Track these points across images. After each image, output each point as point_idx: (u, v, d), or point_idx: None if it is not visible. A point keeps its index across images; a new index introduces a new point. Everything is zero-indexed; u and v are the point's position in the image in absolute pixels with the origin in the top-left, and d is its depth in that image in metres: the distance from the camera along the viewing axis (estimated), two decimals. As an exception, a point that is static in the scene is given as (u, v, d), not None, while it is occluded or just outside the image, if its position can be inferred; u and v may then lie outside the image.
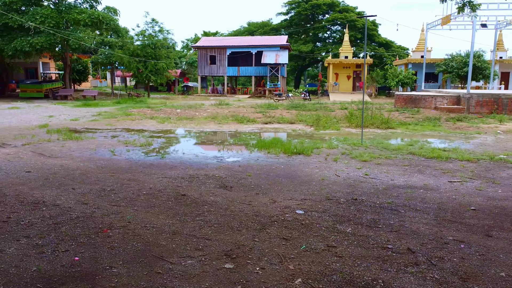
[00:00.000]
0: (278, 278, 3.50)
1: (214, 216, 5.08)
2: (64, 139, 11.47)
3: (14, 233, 4.49)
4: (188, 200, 5.74)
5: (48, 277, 3.51)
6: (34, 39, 26.49)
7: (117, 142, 11.13)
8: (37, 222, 4.84)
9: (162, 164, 8.28)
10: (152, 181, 6.87)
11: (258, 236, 4.44)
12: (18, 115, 18.33)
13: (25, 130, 13.41)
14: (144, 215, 5.10)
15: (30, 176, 7.12)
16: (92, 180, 6.92)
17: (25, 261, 3.80)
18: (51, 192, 6.11)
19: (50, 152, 9.57)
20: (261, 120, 16.66)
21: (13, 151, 9.61)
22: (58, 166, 7.99)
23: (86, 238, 4.37)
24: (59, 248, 4.09)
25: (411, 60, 37.37)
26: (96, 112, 20.25)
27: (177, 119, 17.29)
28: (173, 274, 3.56)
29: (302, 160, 8.75)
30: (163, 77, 34.34)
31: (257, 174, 7.37)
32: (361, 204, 5.61)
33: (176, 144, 11.55)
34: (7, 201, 5.66)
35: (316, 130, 13.96)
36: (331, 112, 20.05)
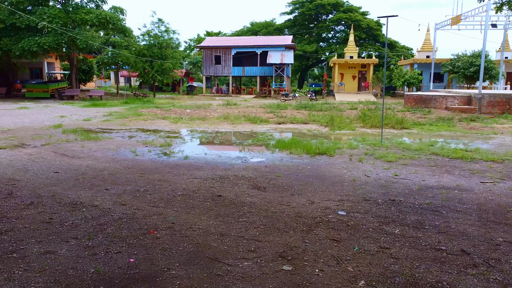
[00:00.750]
0: (340, 280, 3.48)
1: (256, 217, 5.05)
2: (82, 140, 11.44)
3: (61, 234, 4.46)
4: (225, 201, 5.71)
5: (108, 279, 3.49)
6: (41, 39, 26.45)
7: (136, 143, 11.10)
8: (80, 223, 4.82)
9: (187, 165, 8.25)
10: (183, 182, 6.84)
11: (307, 237, 4.41)
12: (29, 115, 18.30)
13: (40, 130, 13.38)
14: (186, 216, 5.07)
15: (59, 177, 7.09)
16: (122, 180, 6.89)
17: (81, 263, 3.78)
18: (85, 193, 6.08)
19: (72, 152, 9.54)
20: (274, 120, 16.64)
21: (35, 151, 9.58)
22: (84, 166, 7.97)
23: (135, 239, 4.34)
24: (111, 250, 4.06)
25: (417, 60, 37.34)
26: (106, 112, 20.22)
27: (189, 119, 17.26)
28: (233, 276, 3.54)
29: (326, 160, 8.73)
30: (169, 77, 34.32)
31: (286, 175, 7.34)
32: (400, 205, 5.58)
33: (195, 144, 11.51)
34: (44, 201, 5.63)
35: (332, 130, 13.94)
36: (341, 112, 20.01)
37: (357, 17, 46.93)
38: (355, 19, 46.51)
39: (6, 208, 5.33)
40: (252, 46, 40.88)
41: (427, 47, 39.14)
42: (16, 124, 15.18)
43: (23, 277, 3.51)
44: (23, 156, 8.93)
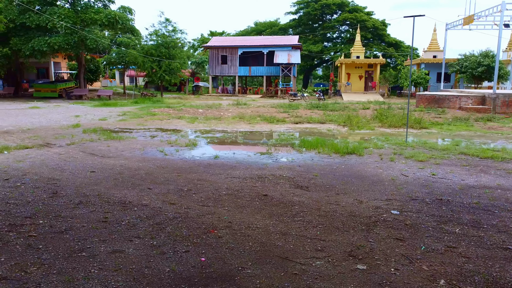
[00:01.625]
0: (420, 279, 3.47)
1: (311, 216, 5.05)
2: (105, 139, 11.43)
3: (122, 233, 4.45)
4: (273, 201, 5.71)
5: (186, 278, 3.48)
6: (52, 39, 26.46)
7: (160, 142, 11.09)
8: (137, 222, 4.81)
9: (220, 164, 8.24)
10: (223, 181, 6.83)
11: (369, 236, 4.41)
12: (43, 115, 18.28)
13: (60, 130, 13.37)
14: (240, 216, 5.07)
15: (97, 176, 7.08)
16: (161, 180, 6.88)
17: (153, 262, 3.77)
18: (129, 192, 6.07)
19: (100, 152, 9.53)
20: (290, 120, 16.63)
21: (63, 150, 9.57)
22: (118, 166, 7.96)
23: (198, 238, 4.34)
24: (179, 249, 4.06)
25: (424, 60, 37.35)
26: (119, 112, 20.21)
27: (205, 119, 17.25)
28: (311, 275, 3.53)
29: (357, 160, 8.72)
30: (176, 77, 34.30)
31: (323, 174, 7.34)
32: (450, 204, 5.58)
33: (220, 144, 11.50)
34: (93, 201, 5.62)
35: (352, 130, 13.93)
36: (354, 112, 19.99)
37: (362, 17, 46.95)
38: (361, 19, 46.53)
39: (57, 207, 5.33)
40: (259, 46, 40.87)
41: (433, 47, 39.16)
42: (33, 123, 15.17)
43: (101, 276, 3.50)
44: (53, 156, 8.92)
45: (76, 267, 3.66)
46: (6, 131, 13.11)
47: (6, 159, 8.42)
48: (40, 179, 6.80)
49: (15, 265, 3.69)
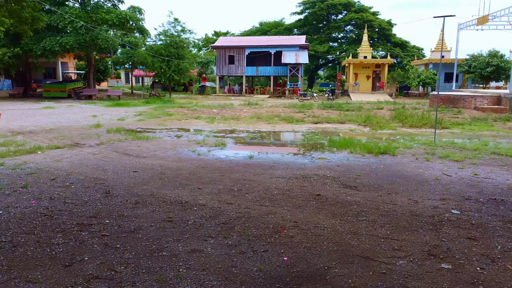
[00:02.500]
0: (509, 278, 3.49)
1: (374, 216, 5.07)
2: (132, 139, 11.43)
3: (193, 233, 4.47)
4: (328, 200, 5.73)
5: (277, 277, 3.50)
6: (63, 38, 26.46)
7: (188, 142, 11.11)
8: (203, 222, 4.83)
9: (258, 164, 8.26)
10: (269, 181, 6.85)
11: (441, 236, 4.43)
12: (61, 115, 18.28)
13: (83, 130, 13.37)
14: (302, 215, 5.08)
15: (141, 176, 7.10)
16: (207, 180, 6.89)
17: (237, 261, 3.79)
18: (181, 192, 6.09)
19: (132, 151, 9.54)
20: (308, 120, 16.65)
21: (96, 150, 9.58)
22: (158, 166, 7.97)
23: (271, 238, 4.35)
24: (256, 249, 4.07)
25: (432, 60, 37.37)
26: (135, 112, 20.22)
27: (223, 119, 17.26)
28: (400, 274, 3.55)
29: (393, 160, 8.74)
30: (185, 77, 34.29)
31: (366, 174, 7.36)
32: (506, 204, 5.60)
33: (248, 144, 11.50)
34: (149, 201, 5.64)
35: (374, 130, 13.95)
36: (369, 112, 19.99)
37: (368, 17, 46.96)
38: (367, 19, 46.54)
39: (117, 207, 5.34)
40: (266, 46, 40.86)
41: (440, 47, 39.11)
42: (54, 123, 15.17)
43: (191, 275, 3.52)
44: (88, 156, 8.93)
45: (163, 266, 3.68)
46: (30, 131, 13.12)
47: (44, 159, 8.44)
48: (87, 179, 6.81)
49: (101, 264, 3.71)
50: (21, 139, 11.25)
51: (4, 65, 27.23)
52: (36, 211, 5.14)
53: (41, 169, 7.51)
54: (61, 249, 4.01)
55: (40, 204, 5.42)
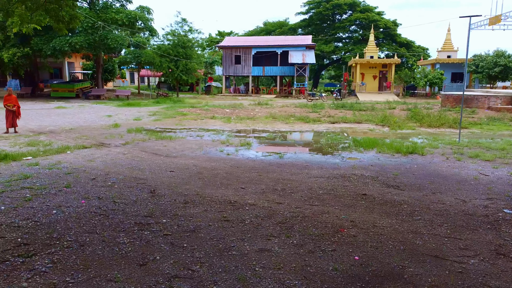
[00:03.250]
0: None
1: (428, 215, 5.08)
2: (156, 139, 11.44)
3: (254, 232, 4.47)
4: (377, 200, 5.73)
5: (355, 276, 3.51)
6: (73, 38, 26.45)
7: (212, 142, 11.11)
8: (259, 221, 4.83)
9: (290, 164, 8.27)
10: (307, 180, 6.86)
11: (502, 235, 4.44)
12: (75, 115, 18.29)
13: (103, 130, 13.37)
14: (356, 215, 5.09)
15: (180, 176, 7.10)
16: (246, 179, 6.90)
17: (309, 260, 3.79)
18: (226, 192, 6.09)
19: (160, 151, 9.55)
20: (325, 120, 16.65)
21: (124, 150, 9.58)
22: (192, 165, 7.97)
23: (333, 237, 4.36)
24: (324, 248, 4.08)
25: (440, 60, 37.38)
26: (148, 112, 20.22)
27: (238, 119, 17.26)
28: (477, 274, 3.56)
29: (423, 159, 8.75)
30: (193, 77, 34.29)
31: (403, 174, 7.37)
32: (554, 203, 5.61)
33: (273, 143, 11.48)
34: (197, 200, 5.64)
35: (394, 130, 13.96)
36: (382, 112, 19.98)
37: (374, 17, 46.94)
38: (373, 19, 46.53)
39: (168, 207, 5.34)
40: (272, 46, 40.86)
41: (448, 47, 39.19)
42: (71, 123, 15.17)
43: (269, 274, 3.52)
44: (119, 155, 8.93)
45: (237, 265, 3.68)
46: (50, 130, 13.12)
47: (76, 159, 8.44)
48: (126, 179, 6.82)
49: (174, 263, 3.71)
50: (45, 139, 11.26)
51: (13, 65, 27.21)
52: (89, 211, 5.15)
53: (77, 168, 7.51)
54: (129, 249, 4.02)
55: (91, 204, 5.43)
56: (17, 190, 6.01)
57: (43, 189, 6.10)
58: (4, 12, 6.55)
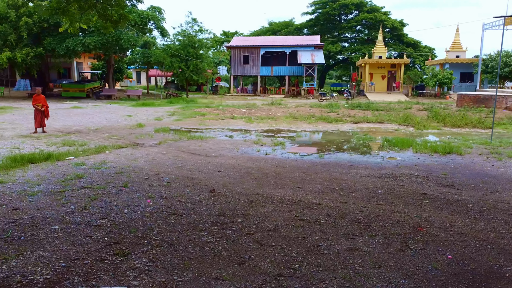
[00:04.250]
0: None
1: (499, 215, 5.11)
2: (187, 139, 11.46)
3: (336, 231, 4.49)
4: (440, 199, 5.76)
5: (457, 275, 3.52)
6: (87, 38, 26.46)
7: (244, 142, 11.13)
8: (334, 221, 4.85)
9: (334, 164, 8.29)
10: (360, 180, 6.88)
11: None
12: (94, 115, 18.30)
13: (129, 130, 13.38)
14: (426, 214, 5.11)
15: (230, 175, 7.12)
16: (299, 179, 6.92)
17: (403, 259, 3.81)
18: (285, 191, 6.11)
19: (197, 151, 9.56)
20: (346, 120, 16.67)
21: (161, 150, 9.59)
22: (237, 165, 7.99)
23: (415, 236, 4.38)
24: (412, 247, 4.10)
25: (449, 60, 37.42)
26: (166, 112, 20.24)
27: (259, 118, 17.27)
28: None
29: (464, 159, 8.78)
30: (203, 77, 34.31)
31: (451, 173, 7.39)
32: None
33: (306, 144, 11.49)
34: (261, 200, 5.66)
35: (420, 130, 13.98)
36: (400, 111, 20.02)
37: (381, 17, 47.00)
38: (380, 19, 46.58)
39: (236, 206, 5.36)
40: (281, 46, 40.91)
41: (456, 47, 39.25)
42: (94, 123, 15.19)
43: (371, 272, 3.54)
44: (159, 156, 8.95)
45: (335, 264, 3.70)
46: (77, 130, 13.14)
47: (118, 158, 8.46)
48: (180, 179, 6.83)
49: (272, 262, 3.73)
50: (76, 138, 11.27)
51: (26, 65, 27.21)
52: (160, 210, 5.17)
53: (124, 168, 7.53)
54: (220, 248, 4.03)
55: (157, 203, 5.44)
56: (77, 190, 6.02)
57: (102, 188, 6.11)
58: (60, 11, 6.58)
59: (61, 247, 4.00)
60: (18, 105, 23.48)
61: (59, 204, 5.34)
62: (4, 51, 25.74)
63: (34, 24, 26.26)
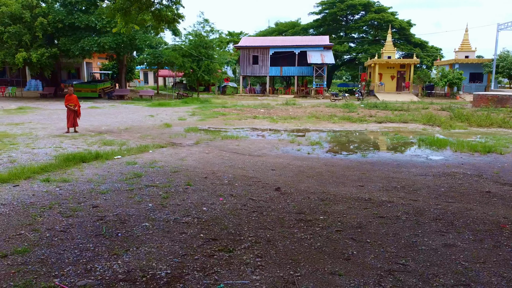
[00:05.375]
0: None
1: None
2: (222, 139, 11.53)
3: (422, 228, 4.56)
4: (506, 197, 5.83)
5: None
6: (102, 38, 26.52)
7: (279, 141, 11.20)
8: (413, 218, 4.92)
9: (381, 163, 8.37)
10: (415, 178, 6.95)
11: None
12: (117, 115, 18.38)
13: (158, 130, 13.44)
14: (502, 212, 5.18)
15: (286, 174, 7.19)
16: (355, 178, 6.99)
17: (504, 255, 3.88)
18: (348, 189, 6.18)
19: (239, 150, 9.63)
20: (370, 120, 16.74)
21: (202, 150, 9.66)
22: (286, 164, 8.07)
23: (504, 233, 4.45)
24: (508, 243, 4.17)
25: (459, 60, 37.53)
26: (186, 112, 20.31)
27: (282, 118, 17.33)
28: None
29: (506, 158, 8.86)
30: (214, 77, 34.37)
31: (503, 172, 7.47)
32: None
33: (341, 143, 11.56)
34: (329, 198, 5.73)
35: (447, 130, 14.06)
36: (417, 111, 20.09)
37: (389, 17, 47.08)
38: (388, 19, 46.67)
39: (311, 204, 5.43)
40: (290, 46, 40.99)
41: (465, 47, 39.35)
42: (120, 123, 15.26)
43: (478, 267, 3.61)
44: (204, 155, 9.02)
45: (440, 259, 3.77)
46: (107, 130, 13.21)
47: (165, 158, 8.52)
48: (238, 177, 6.90)
49: (377, 257, 3.80)
50: (112, 138, 11.32)
51: (41, 65, 27.26)
52: (237, 208, 5.23)
53: (177, 167, 7.60)
54: (318, 244, 4.10)
55: (231, 201, 5.51)
56: (144, 188, 6.09)
57: (167, 187, 6.18)
58: (122, 12, 6.65)
59: (162, 243, 4.08)
60: (34, 105, 23.56)
61: (134, 202, 5.41)
62: (20, 51, 25.79)
63: (48, 24, 26.32)
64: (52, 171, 7.13)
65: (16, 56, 25.63)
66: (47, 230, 4.39)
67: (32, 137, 11.21)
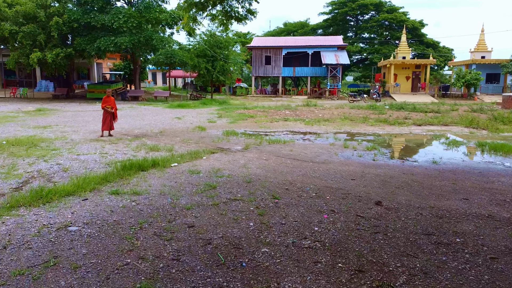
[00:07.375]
0: None
1: None
2: (268, 143, 10.88)
3: None
4: None
5: None
6: (119, 38, 25.85)
7: (330, 146, 10.57)
8: None
9: (460, 171, 7.76)
10: None
11: None
12: (145, 117, 17.73)
13: (194, 133, 12.81)
14: None
15: (368, 184, 6.57)
16: (449, 189, 6.38)
17: None
18: (454, 204, 5.58)
19: (297, 156, 9.01)
20: (408, 122, 16.12)
21: (257, 155, 9.02)
22: (360, 172, 7.45)
23: None
24: None
25: (476, 60, 36.92)
26: (211, 113, 19.69)
27: (315, 120, 16.69)
28: None
29: None
30: (229, 78, 33.75)
31: None
32: None
33: (398, 148, 10.92)
34: (445, 214, 5.11)
35: (496, 133, 13.45)
36: (447, 113, 19.49)
37: (401, 17, 46.54)
38: (400, 19, 46.13)
39: (430, 221, 4.80)
40: (303, 46, 40.37)
41: (481, 47, 38.79)
42: (151, 126, 14.61)
43: None
44: (263, 162, 8.38)
45: None
46: (142, 133, 12.57)
47: (224, 165, 7.89)
48: (322, 188, 6.27)
49: None
50: (151, 142, 10.69)
51: (56, 65, 26.61)
52: (352, 227, 4.61)
53: (246, 176, 6.98)
54: (485, 277, 3.47)
55: (339, 219, 4.88)
56: (229, 203, 5.47)
57: (254, 201, 5.56)
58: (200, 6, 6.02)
59: (302, 276, 3.45)
60: (50, 106, 22.93)
61: (231, 220, 4.78)
62: (34, 51, 25.13)
63: (64, 24, 25.67)
64: (114, 181, 6.50)
65: (31, 57, 24.98)
66: (156, 258, 3.75)
67: (68, 142, 10.58)
